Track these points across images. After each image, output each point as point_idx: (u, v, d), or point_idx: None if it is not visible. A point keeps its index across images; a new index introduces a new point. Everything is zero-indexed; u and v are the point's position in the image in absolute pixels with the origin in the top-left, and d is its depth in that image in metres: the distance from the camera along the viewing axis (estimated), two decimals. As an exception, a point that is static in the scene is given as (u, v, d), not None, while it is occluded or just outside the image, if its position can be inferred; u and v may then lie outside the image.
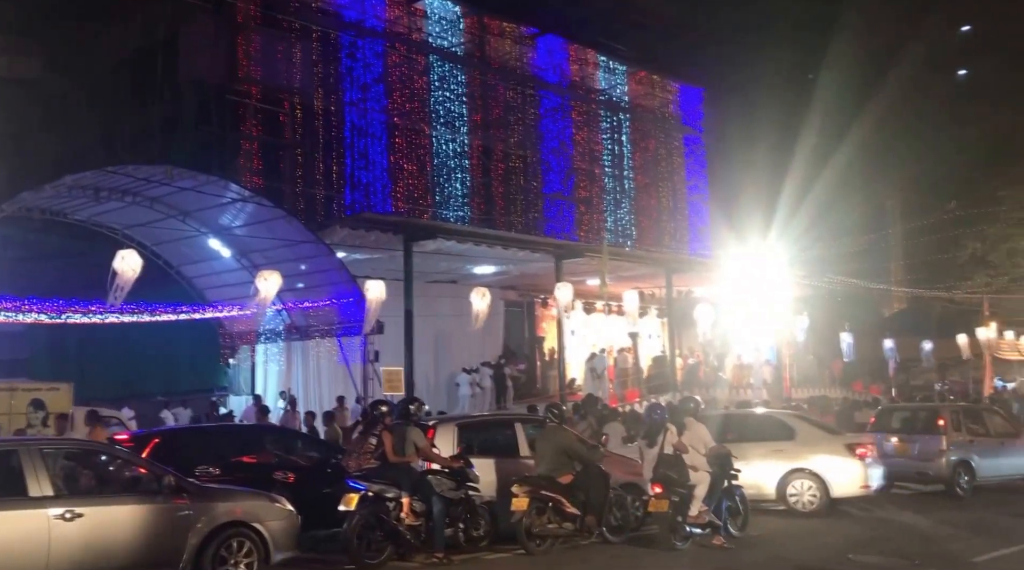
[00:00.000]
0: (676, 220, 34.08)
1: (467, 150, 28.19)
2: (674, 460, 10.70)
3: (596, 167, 31.84)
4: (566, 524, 10.66)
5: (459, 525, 10.53)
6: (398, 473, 10.26)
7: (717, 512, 10.96)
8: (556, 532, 10.62)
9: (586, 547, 10.85)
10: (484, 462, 11.22)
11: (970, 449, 15.87)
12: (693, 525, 10.75)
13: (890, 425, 16.92)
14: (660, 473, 10.75)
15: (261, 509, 8.82)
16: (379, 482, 10.14)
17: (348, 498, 9.98)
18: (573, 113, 31.40)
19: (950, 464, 15.53)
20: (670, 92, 34.58)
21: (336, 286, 18.99)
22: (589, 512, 10.71)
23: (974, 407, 19.54)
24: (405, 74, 26.89)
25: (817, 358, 29.26)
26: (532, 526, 10.45)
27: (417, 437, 10.45)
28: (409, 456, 10.34)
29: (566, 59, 31.39)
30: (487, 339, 23.77)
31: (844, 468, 13.13)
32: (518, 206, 29.34)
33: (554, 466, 10.74)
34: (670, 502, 10.57)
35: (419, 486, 10.25)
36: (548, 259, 22.27)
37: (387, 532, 10.03)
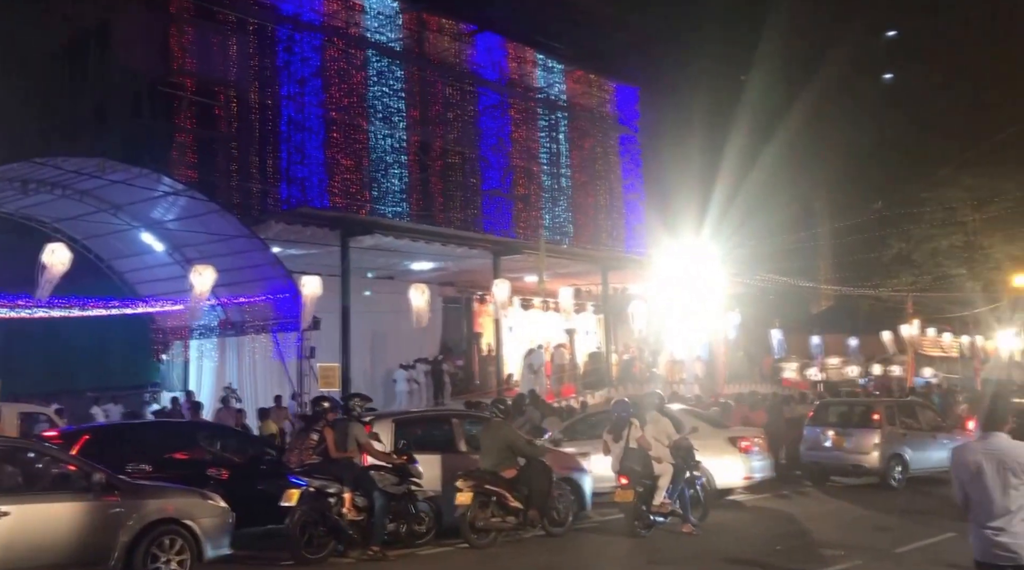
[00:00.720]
0: (612, 218, 34.49)
1: (405, 146, 28.13)
2: (639, 453, 11.12)
3: (534, 165, 32.06)
4: (509, 518, 10.84)
5: (402, 520, 10.59)
6: (340, 469, 10.29)
7: (680, 501, 11.39)
8: (499, 526, 10.79)
9: (528, 540, 11.05)
10: (424, 458, 11.21)
11: (903, 442, 16.36)
12: (657, 514, 11.22)
13: (827, 419, 17.38)
14: (626, 466, 11.16)
15: (194, 506, 8.79)
16: (321, 478, 10.17)
17: (289, 494, 10.01)
18: (511, 111, 31.57)
19: (884, 457, 16.01)
20: (606, 91, 34.98)
21: (271, 281, 18.81)
22: (532, 506, 10.89)
23: (907, 401, 20.14)
24: (343, 69, 26.75)
25: (748, 354, 29.94)
26: (476, 520, 10.61)
27: (359, 433, 10.49)
28: (351, 452, 10.37)
29: (504, 57, 31.55)
30: (425, 335, 23.73)
31: (728, 461, 13.56)
32: (456, 202, 29.40)
33: (498, 461, 10.91)
34: (635, 493, 11.00)
35: (361, 481, 10.29)
36: (486, 256, 22.36)
37: (329, 527, 10.07)
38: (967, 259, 40.67)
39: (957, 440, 16.99)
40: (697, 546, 10.81)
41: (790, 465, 18.04)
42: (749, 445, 14.05)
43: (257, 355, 20.40)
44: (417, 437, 11.75)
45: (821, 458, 16.96)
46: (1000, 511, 5.19)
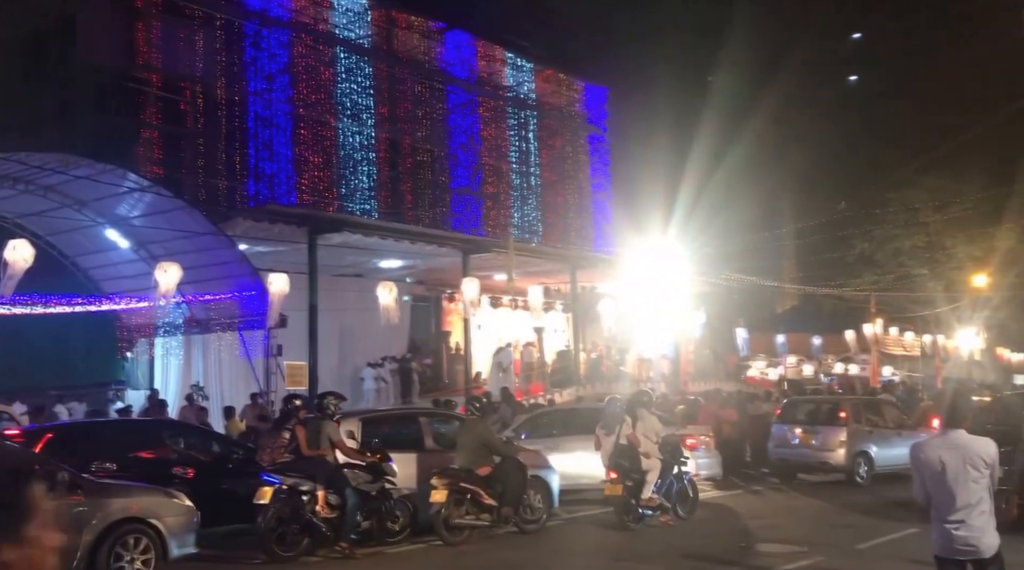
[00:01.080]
0: (581, 217, 34.62)
1: (374, 143, 28.04)
2: (628, 449, 11.58)
3: (503, 163, 32.10)
4: (484, 515, 10.93)
5: (376, 518, 10.65)
6: (313, 466, 10.31)
7: (668, 495, 11.91)
8: (474, 523, 10.88)
9: (501, 537, 11.13)
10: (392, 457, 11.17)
11: (868, 439, 16.68)
12: (645, 508, 11.63)
13: (795, 417, 17.62)
14: (615, 461, 11.61)
15: (158, 505, 8.74)
16: (294, 476, 10.19)
17: (262, 492, 10.02)
18: (481, 109, 31.58)
19: (850, 454, 16.30)
20: (576, 91, 35.10)
21: (238, 279, 18.67)
22: (505, 503, 10.98)
23: (873, 399, 20.49)
24: (311, 65, 26.62)
25: (713, 352, 30.21)
26: (450, 517, 10.70)
27: (332, 431, 10.53)
28: (324, 450, 10.39)
29: (474, 55, 31.54)
30: (393, 333, 23.65)
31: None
32: (425, 200, 29.36)
33: (473, 458, 11.02)
34: (624, 487, 11.43)
35: (334, 479, 10.33)
36: (455, 254, 22.34)
37: (302, 525, 10.10)
38: (929, 259, 41.31)
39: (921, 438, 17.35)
40: (665, 543, 10.93)
41: (755, 462, 18.28)
42: (695, 443, 14.44)
43: (223, 353, 20.23)
44: (384, 436, 11.73)
45: (789, 455, 17.21)
46: (960, 505, 5.31)
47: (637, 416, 11.90)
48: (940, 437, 5.52)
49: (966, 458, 5.34)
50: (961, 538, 5.33)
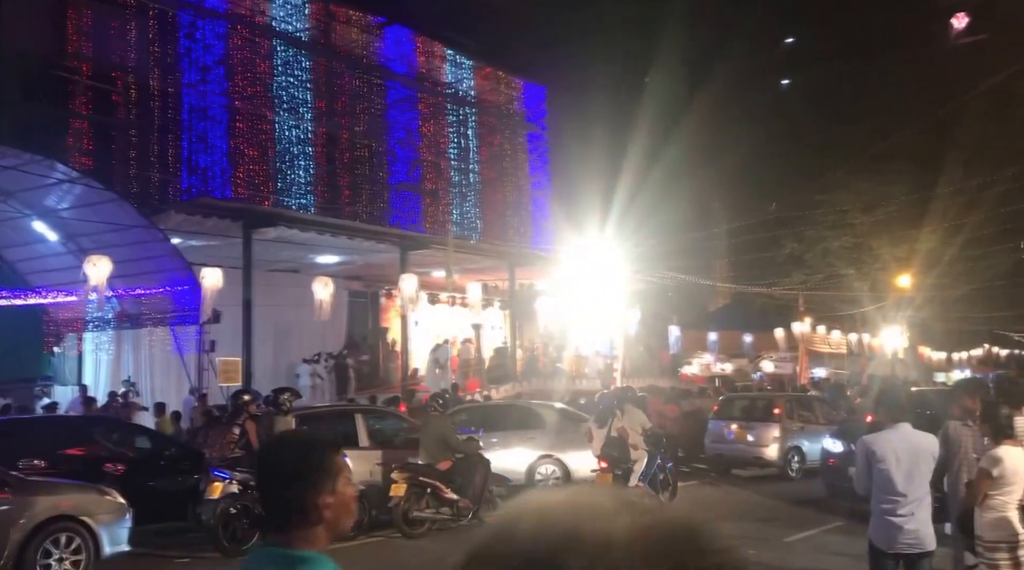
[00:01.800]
0: (520, 214, 34.74)
1: (311, 137, 27.74)
2: (619, 441, 12.26)
3: (442, 160, 32.04)
4: (443, 509, 11.11)
5: None
6: None
7: (652, 484, 12.60)
8: (433, 516, 11.07)
9: (461, 529, 11.21)
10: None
11: (801, 435, 17.18)
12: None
13: (731, 413, 18.09)
14: (606, 451, 12.29)
15: (90, 503, 8.62)
16: (244, 471, 10.21)
17: (213, 487, 10.08)
18: (420, 105, 31.45)
19: (783, 449, 16.80)
20: (515, 89, 35.22)
21: (170, 273, 18.37)
22: (464, 496, 11.17)
23: (805, 396, 21.09)
24: (247, 57, 26.22)
25: (648, 349, 30.66)
26: (409, 511, 10.89)
27: (285, 427, 10.55)
28: None
29: (413, 51, 31.41)
30: (329, 329, 23.54)
31: (584, 454, 13.96)
32: (363, 196, 29.15)
33: (435, 453, 11.27)
34: (614, 475, 12.15)
35: None
36: (393, 250, 22.24)
37: (252, 520, 10.13)
38: (855, 260, 42.48)
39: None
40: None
41: (689, 457, 18.66)
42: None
43: (155, 349, 19.91)
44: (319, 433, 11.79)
45: (724, 450, 17.67)
46: (910, 498, 5.39)
47: (624, 411, 12.64)
48: (890, 431, 5.57)
49: (916, 452, 5.43)
50: (910, 531, 5.39)
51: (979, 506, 5.79)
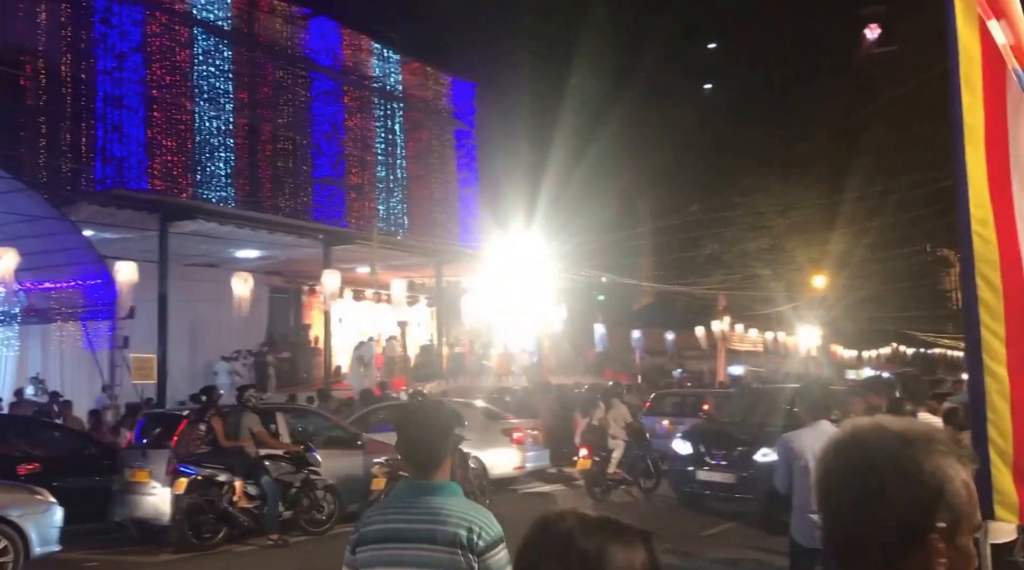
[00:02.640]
0: (447, 211, 34.53)
1: (232, 129, 27.03)
2: (598, 430, 13.70)
3: (368, 154, 31.61)
4: None
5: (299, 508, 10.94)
6: (230, 457, 10.51)
7: (632, 471, 13.84)
8: None
9: None
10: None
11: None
12: (610, 480, 13.64)
13: (663, 409, 18.37)
14: (586, 438, 13.76)
15: (18, 502, 8.31)
16: (210, 466, 10.33)
17: (178, 482, 10.12)
18: (346, 98, 30.96)
19: None
20: (443, 85, 34.99)
21: (82, 266, 17.68)
22: None
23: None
24: (166, 45, 25.38)
25: (573, 347, 30.87)
26: None
27: (252, 423, 10.73)
28: (243, 441, 10.60)
29: (339, 43, 30.90)
30: (249, 326, 23.04)
31: (501, 451, 14.36)
32: (286, 189, 28.56)
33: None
34: (593, 462, 13.53)
35: (253, 470, 10.53)
36: (316, 245, 21.90)
37: (219, 515, 10.26)
38: (772, 261, 43.54)
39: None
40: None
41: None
42: (522, 436, 14.99)
43: (65, 344, 19.14)
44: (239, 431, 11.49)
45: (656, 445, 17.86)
46: None
47: (611, 404, 14.04)
48: (809, 429, 5.63)
49: None
50: None
51: None
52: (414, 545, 2.68)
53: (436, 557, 2.64)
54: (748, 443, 12.07)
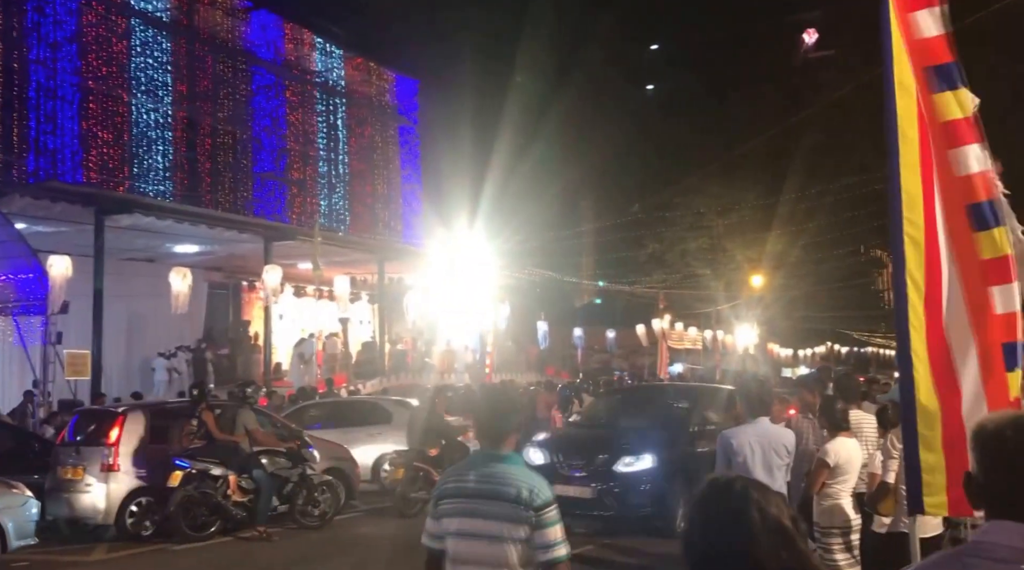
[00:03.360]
0: (390, 208, 34.35)
1: (170, 122, 26.52)
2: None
3: (310, 149, 31.29)
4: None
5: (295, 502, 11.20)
6: (225, 452, 10.72)
7: None
8: (426, 497, 11.47)
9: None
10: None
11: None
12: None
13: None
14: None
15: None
16: (204, 460, 10.57)
17: (173, 475, 10.35)
18: (287, 93, 30.58)
19: None
20: (386, 81, 34.80)
21: (13, 260, 17.19)
22: None
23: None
24: (102, 36, 24.80)
25: (516, 344, 31.02)
26: (407, 493, 11.89)
27: (248, 419, 10.96)
28: (238, 436, 10.81)
29: (281, 37, 30.52)
30: (187, 322, 22.73)
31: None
32: (226, 184, 28.13)
33: (423, 441, 12.29)
34: None
35: (246, 464, 10.76)
36: (257, 240, 21.68)
37: (212, 508, 10.49)
38: (711, 260, 44.38)
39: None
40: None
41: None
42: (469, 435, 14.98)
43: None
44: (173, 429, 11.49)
45: None
46: None
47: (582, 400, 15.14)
48: (748, 426, 5.72)
49: (771, 446, 5.58)
50: None
51: (816, 494, 6.05)
52: (483, 500, 3.28)
53: (501, 510, 3.24)
54: (611, 450, 10.76)
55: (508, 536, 3.22)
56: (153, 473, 10.82)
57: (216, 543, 10.56)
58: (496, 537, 3.23)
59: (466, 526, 3.30)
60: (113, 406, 13.54)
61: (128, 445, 10.91)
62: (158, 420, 11.44)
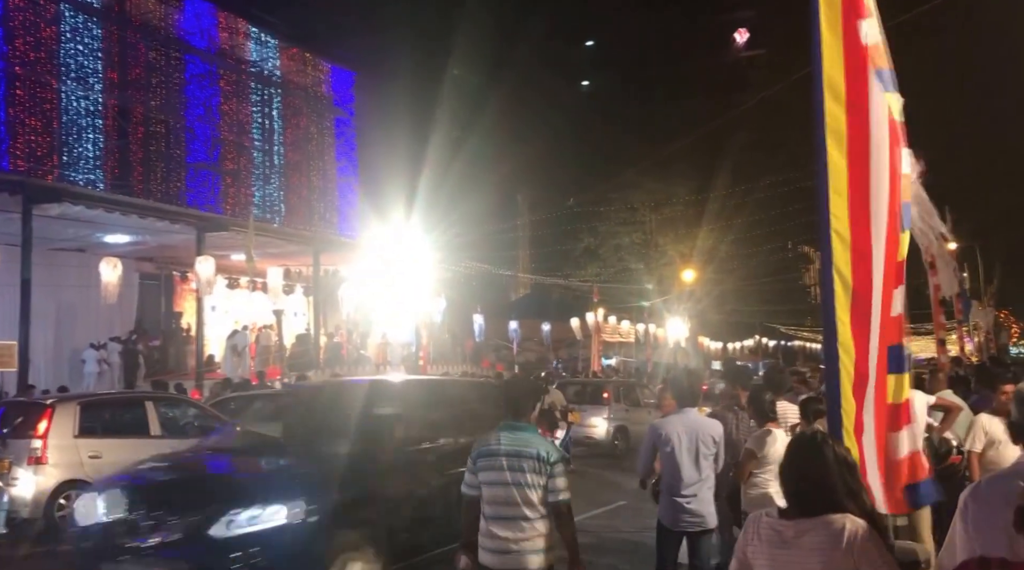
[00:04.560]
0: (325, 200, 34.19)
1: (101, 110, 26.03)
2: (548, 413, 14.17)
3: (245, 139, 30.96)
4: None
5: None
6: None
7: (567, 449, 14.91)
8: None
9: None
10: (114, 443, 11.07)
11: (626, 417, 18.79)
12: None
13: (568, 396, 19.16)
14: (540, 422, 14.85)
15: None
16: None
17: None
18: (221, 82, 30.20)
19: (610, 430, 18.44)
20: (322, 72, 34.58)
21: (-63, 249, 16.84)
22: None
23: (628, 382, 22.67)
24: (30, 21, 24.20)
25: (452, 337, 31.19)
26: None
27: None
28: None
29: (215, 26, 30.11)
30: (118, 313, 22.42)
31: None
32: (158, 173, 27.71)
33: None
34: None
35: None
36: (190, 231, 21.39)
37: None
38: (644, 255, 45.11)
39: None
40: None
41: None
42: None
43: (-84, 331, 18.17)
44: (106, 421, 11.38)
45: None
46: (691, 480, 5.78)
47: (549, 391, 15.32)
48: (677, 416, 5.97)
49: (699, 436, 5.80)
50: (691, 511, 5.77)
51: (744, 483, 6.24)
52: (512, 458, 4.47)
53: (526, 464, 4.44)
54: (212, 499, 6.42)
55: (531, 483, 4.43)
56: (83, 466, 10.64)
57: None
58: (523, 484, 4.43)
59: (501, 477, 4.47)
60: (41, 398, 13.36)
61: (57, 438, 10.76)
62: (90, 412, 11.30)
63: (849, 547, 2.71)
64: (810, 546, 2.77)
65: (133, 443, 11.07)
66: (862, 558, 2.69)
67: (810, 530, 2.79)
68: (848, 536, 2.72)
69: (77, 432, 10.91)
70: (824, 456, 2.90)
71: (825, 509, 2.82)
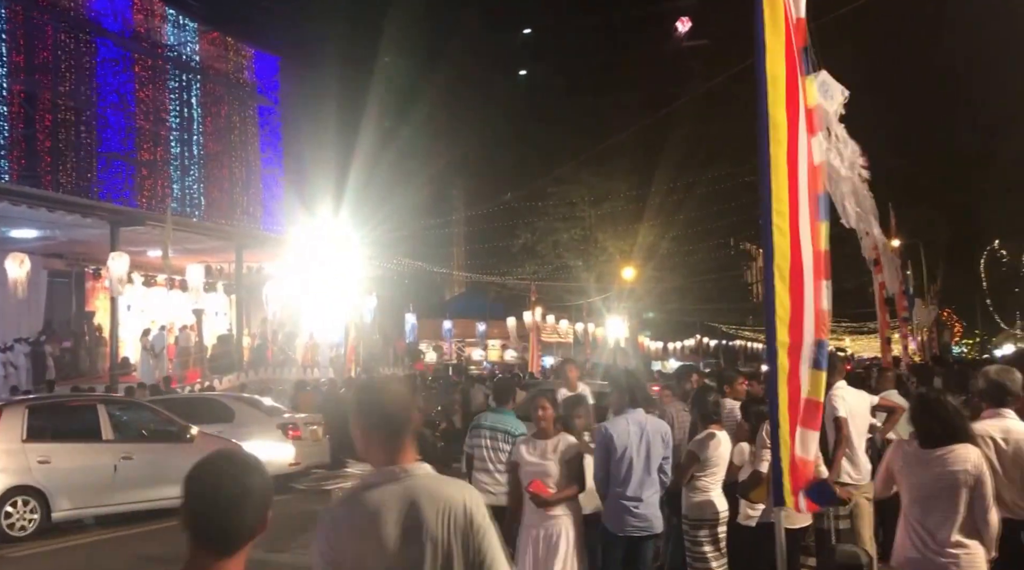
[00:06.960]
0: (249, 193, 33.11)
1: (5, 95, 24.68)
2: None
3: (162, 129, 29.67)
4: None
5: None
6: None
7: None
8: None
9: None
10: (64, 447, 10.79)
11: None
12: None
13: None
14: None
15: None
16: None
17: None
18: (136, 67, 28.88)
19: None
20: (244, 57, 33.38)
21: None
22: None
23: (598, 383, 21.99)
24: (-76, -3, 22.69)
25: (383, 337, 30.35)
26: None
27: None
28: None
29: (129, 7, 28.75)
30: (25, 312, 21.51)
31: (275, 447, 13.79)
32: (68, 164, 26.39)
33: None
34: None
35: None
36: (102, 225, 20.41)
37: None
38: (583, 252, 44.66)
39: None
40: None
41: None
42: (298, 432, 14.48)
43: None
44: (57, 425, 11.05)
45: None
46: (639, 484, 5.58)
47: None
48: (623, 417, 5.73)
49: (647, 437, 5.63)
50: (641, 515, 5.58)
51: (685, 486, 6.05)
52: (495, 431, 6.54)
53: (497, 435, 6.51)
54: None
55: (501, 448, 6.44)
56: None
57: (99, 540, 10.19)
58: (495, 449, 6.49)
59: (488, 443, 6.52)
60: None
61: (4, 442, 10.41)
62: (38, 415, 10.89)
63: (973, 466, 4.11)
64: (943, 465, 4.15)
65: (84, 447, 11.02)
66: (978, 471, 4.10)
67: (943, 454, 4.17)
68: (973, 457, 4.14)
69: (25, 436, 10.53)
70: (947, 407, 4.32)
71: (951, 441, 4.18)
